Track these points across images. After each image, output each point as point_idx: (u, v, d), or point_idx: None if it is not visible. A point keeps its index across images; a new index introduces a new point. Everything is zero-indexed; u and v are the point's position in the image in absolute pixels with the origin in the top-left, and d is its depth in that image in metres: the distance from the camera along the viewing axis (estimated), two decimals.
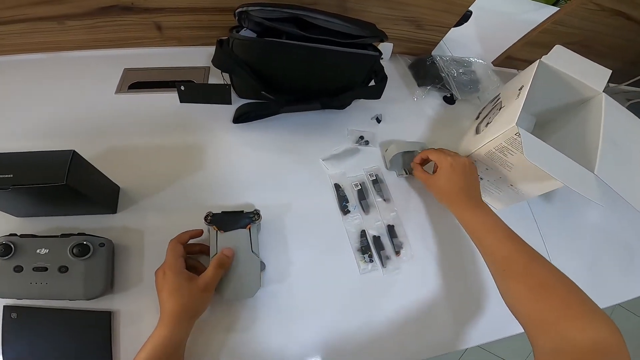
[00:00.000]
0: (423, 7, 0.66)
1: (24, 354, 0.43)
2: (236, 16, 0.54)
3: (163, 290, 0.41)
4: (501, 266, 0.45)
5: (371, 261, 0.55)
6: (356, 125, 0.66)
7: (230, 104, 0.63)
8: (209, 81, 0.66)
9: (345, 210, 0.58)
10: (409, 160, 0.62)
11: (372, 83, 0.62)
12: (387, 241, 0.57)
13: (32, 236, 0.44)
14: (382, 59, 0.58)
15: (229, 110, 0.63)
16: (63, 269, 0.42)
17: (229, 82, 0.62)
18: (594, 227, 0.68)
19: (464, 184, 0.53)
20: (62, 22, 0.60)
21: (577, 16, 0.71)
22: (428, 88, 0.74)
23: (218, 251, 0.45)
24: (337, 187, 0.60)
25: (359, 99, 0.63)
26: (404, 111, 0.72)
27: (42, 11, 0.57)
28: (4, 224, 0.47)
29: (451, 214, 0.53)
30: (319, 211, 0.57)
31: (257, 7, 0.51)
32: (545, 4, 1.26)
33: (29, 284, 0.42)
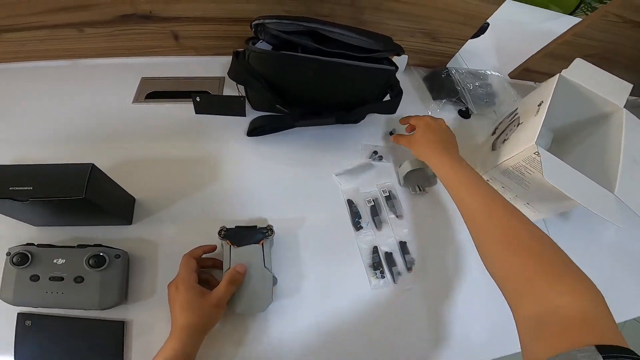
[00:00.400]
0: (441, 20, 0.65)
1: None
2: (253, 28, 0.54)
3: (175, 305, 0.42)
4: (477, 223, 0.43)
5: (382, 277, 0.55)
6: (370, 140, 0.66)
7: (245, 116, 0.63)
8: (224, 92, 0.67)
9: (357, 227, 0.58)
10: (422, 178, 0.62)
11: (387, 97, 0.61)
12: (399, 257, 0.57)
13: (49, 246, 0.44)
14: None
15: (243, 122, 0.63)
16: (79, 279, 0.43)
17: (243, 94, 0.62)
18: (610, 245, 0.67)
19: (440, 138, 0.55)
20: (82, 30, 0.61)
21: (598, 28, 0.70)
22: (443, 102, 0.74)
23: (231, 266, 0.45)
24: (350, 202, 0.59)
25: (374, 113, 0.63)
26: None
27: (62, 18, 0.58)
28: (21, 233, 0.48)
29: (464, 231, 0.53)
30: (331, 227, 0.57)
31: (274, 20, 0.51)
32: (562, 13, 1.24)
33: (45, 293, 0.42)
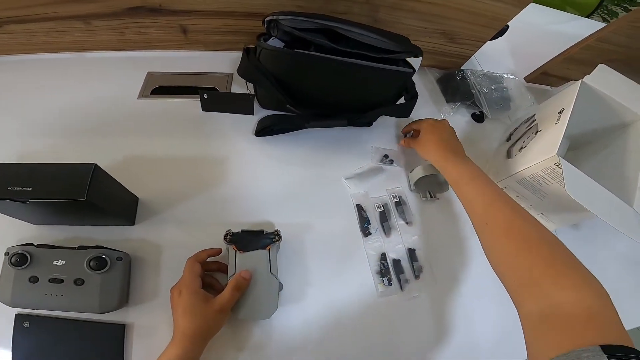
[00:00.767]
0: (461, 21, 0.63)
1: None
2: (265, 24, 0.52)
3: (178, 309, 0.41)
4: (483, 219, 0.43)
5: (390, 284, 0.53)
6: (380, 143, 0.64)
7: (253, 114, 0.61)
8: (232, 89, 0.65)
9: (366, 232, 0.56)
10: (434, 184, 0.60)
11: (402, 100, 0.59)
12: (407, 265, 0.55)
13: (49, 247, 0.43)
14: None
15: (251, 120, 0.61)
16: (79, 282, 0.42)
17: (252, 92, 0.60)
18: (619, 255, 0.65)
19: (445, 138, 0.56)
20: (89, 22, 0.59)
21: (623, 34, 0.68)
22: (457, 104, 0.71)
23: (236, 271, 0.44)
24: (359, 207, 0.58)
25: (387, 115, 0.61)
26: None
27: (69, 10, 0.56)
28: (20, 232, 0.47)
29: (474, 239, 0.51)
30: (339, 232, 0.55)
31: (288, 17, 0.49)
32: (578, 16, 1.21)
33: (44, 295, 0.41)
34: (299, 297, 0.50)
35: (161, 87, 0.63)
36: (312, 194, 0.57)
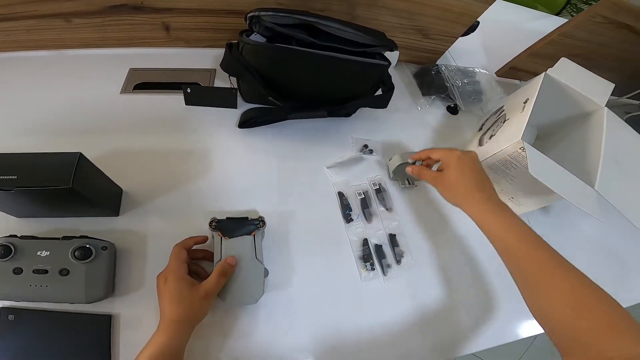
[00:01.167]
0: (433, 17, 0.66)
1: (20, 356, 0.43)
2: (247, 20, 0.54)
3: (164, 296, 0.41)
4: (532, 277, 0.40)
5: (372, 269, 0.55)
6: (360, 134, 0.67)
7: (236, 108, 0.63)
8: (215, 84, 0.66)
9: (348, 219, 0.58)
10: None
11: (379, 92, 0.62)
12: (389, 250, 0.58)
13: (32, 238, 0.43)
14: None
15: (235, 114, 0.62)
16: (64, 272, 0.42)
17: (235, 86, 0.61)
18: (588, 239, 0.69)
19: (477, 178, 0.48)
20: (70, 20, 0.59)
21: (584, 29, 0.71)
22: (432, 97, 0.75)
23: (222, 258, 0.45)
24: (340, 195, 0.60)
25: (366, 107, 0.63)
26: (407, 120, 0.72)
27: (50, 8, 0.56)
28: (3, 224, 0.46)
29: (453, 225, 0.53)
30: (322, 218, 0.57)
31: (269, 12, 0.51)
32: (548, 14, 1.27)
33: (29, 286, 0.41)
34: (285, 283, 0.51)
35: (144, 82, 0.63)
36: (295, 182, 0.59)
